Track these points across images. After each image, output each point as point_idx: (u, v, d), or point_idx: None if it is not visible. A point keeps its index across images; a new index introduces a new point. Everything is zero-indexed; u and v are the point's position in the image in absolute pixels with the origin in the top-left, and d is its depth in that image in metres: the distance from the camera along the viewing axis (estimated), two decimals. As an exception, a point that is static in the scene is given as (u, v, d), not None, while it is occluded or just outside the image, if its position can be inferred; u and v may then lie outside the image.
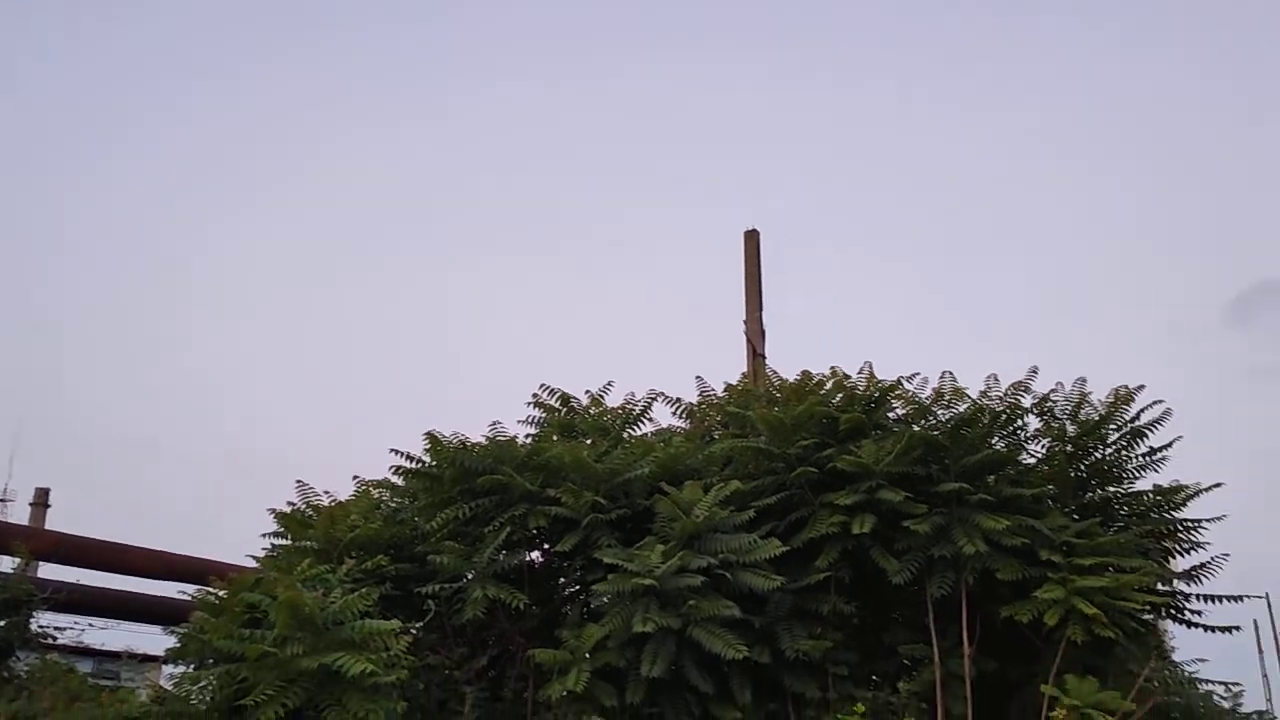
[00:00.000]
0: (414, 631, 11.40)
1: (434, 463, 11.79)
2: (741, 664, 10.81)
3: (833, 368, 13.32)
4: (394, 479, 12.28)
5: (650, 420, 14.16)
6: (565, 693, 10.02)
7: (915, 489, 11.97)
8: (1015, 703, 11.96)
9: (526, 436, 13.28)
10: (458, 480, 11.66)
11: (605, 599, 10.71)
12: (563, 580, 12.38)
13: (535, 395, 13.57)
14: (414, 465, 11.83)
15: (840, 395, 13.05)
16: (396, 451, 11.75)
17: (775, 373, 14.21)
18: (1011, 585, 11.53)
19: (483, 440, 12.11)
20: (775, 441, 12.47)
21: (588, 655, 10.32)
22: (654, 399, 13.66)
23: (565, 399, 13.57)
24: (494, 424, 12.19)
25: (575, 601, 12.24)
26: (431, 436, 11.60)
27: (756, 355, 15.06)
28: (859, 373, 13.17)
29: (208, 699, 9.61)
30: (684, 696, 10.92)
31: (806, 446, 12.31)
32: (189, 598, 11.32)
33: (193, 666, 10.30)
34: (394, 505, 13.10)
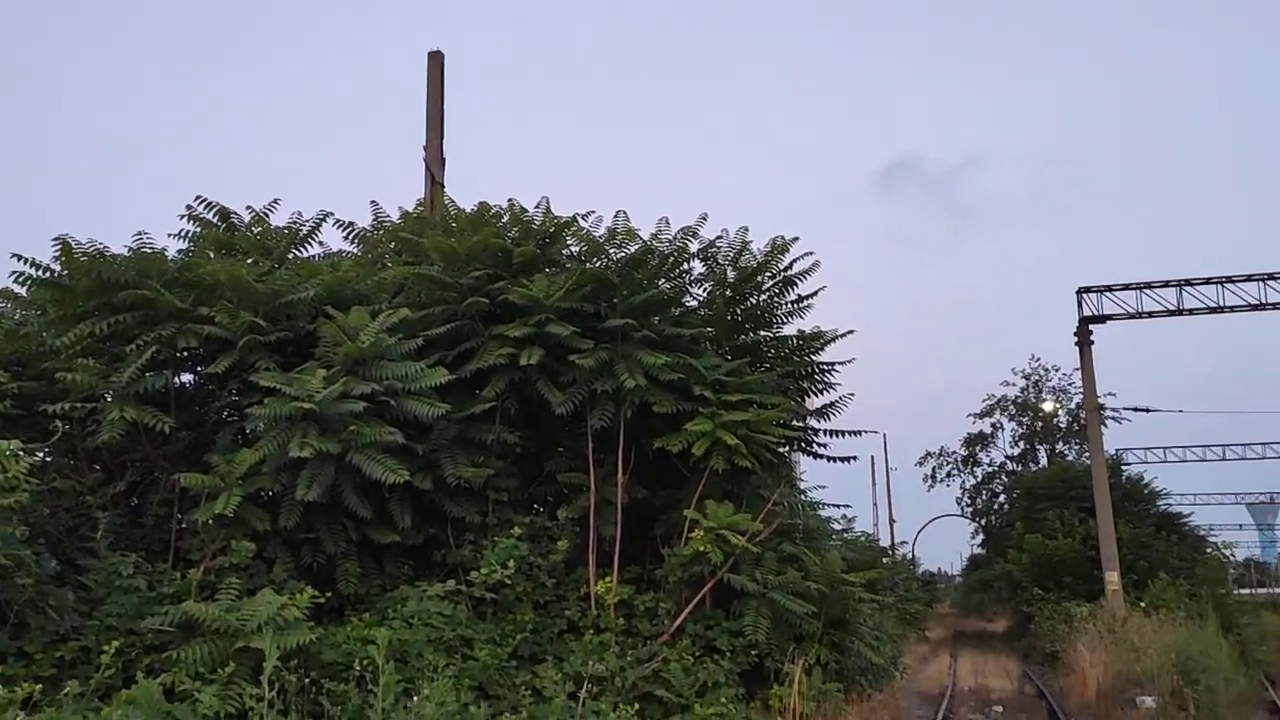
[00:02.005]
0: (40, 455, 10.43)
1: (66, 272, 10.58)
2: (402, 489, 10.82)
3: (510, 200, 13.23)
4: (16, 289, 10.92)
5: (320, 243, 13.49)
6: (213, 517, 9.58)
7: (583, 324, 12.26)
8: (660, 525, 12.87)
9: (179, 252, 12.25)
10: (94, 293, 10.56)
11: (261, 424, 10.25)
12: (215, 404, 11.70)
13: (190, 208, 12.47)
14: (41, 274, 10.57)
15: (516, 229, 13.00)
16: (19, 257, 10.42)
17: (453, 202, 13.91)
18: (666, 418, 12.21)
19: (125, 252, 11.01)
20: (448, 271, 12.28)
21: (240, 480, 9.90)
22: (323, 219, 12.97)
23: (224, 214, 12.57)
24: (139, 234, 11.10)
25: (228, 426, 11.64)
26: (64, 243, 10.36)
27: (435, 183, 14.61)
28: (536, 207, 13.17)
29: None
30: (341, 521, 10.82)
31: (479, 277, 12.22)
32: None
33: None
34: (16, 319, 11.74)
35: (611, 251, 13.00)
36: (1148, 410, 34.93)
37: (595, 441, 12.51)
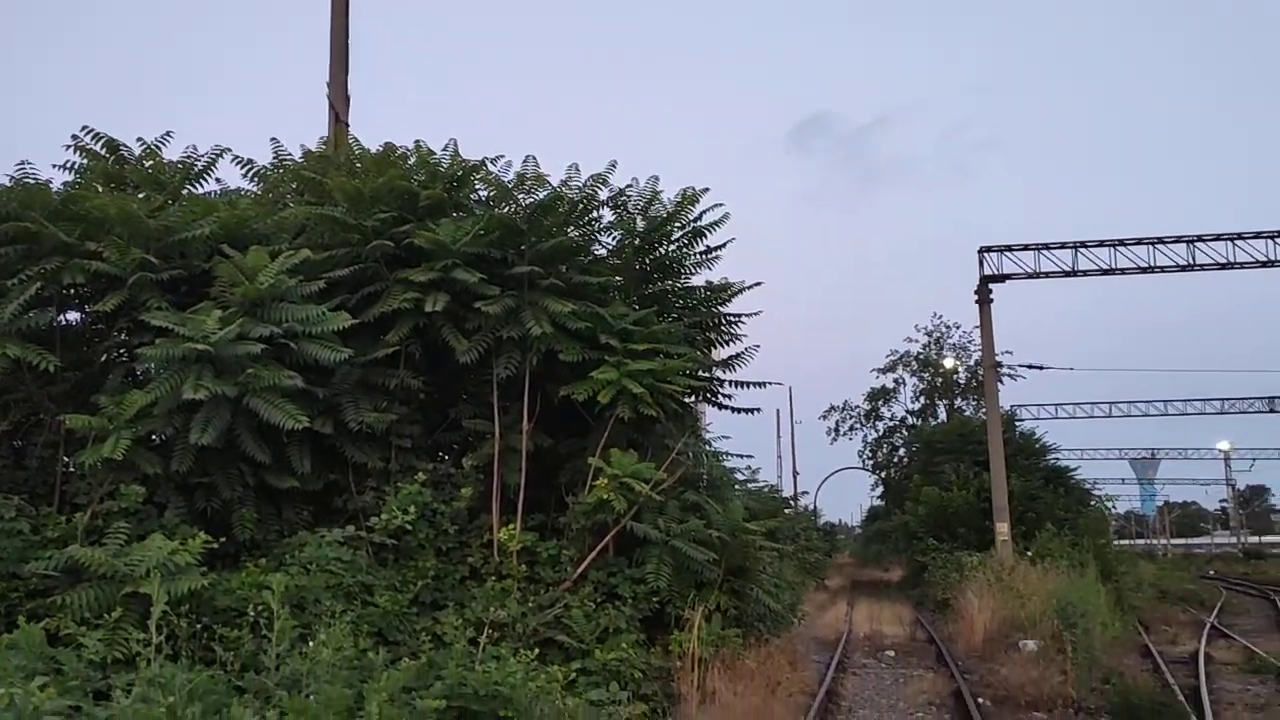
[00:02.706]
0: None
1: (-62, 203, 10.06)
2: (302, 434, 10.61)
3: (417, 142, 12.92)
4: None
5: (217, 180, 13.02)
6: (100, 461, 9.27)
7: (490, 271, 12.10)
8: (565, 473, 12.89)
9: (64, 185, 11.71)
10: (-28, 225, 10.08)
11: (152, 365, 9.92)
12: (103, 344, 11.28)
13: (75, 138, 11.89)
14: (-88, 205, 10.03)
15: (423, 171, 12.73)
16: (-112, 187, 9.87)
17: (357, 142, 13.54)
18: (572, 366, 12.18)
19: (6, 182, 10.49)
20: (352, 212, 11.98)
21: (129, 422, 9.58)
22: (220, 155, 12.49)
23: (113, 146, 12.01)
24: (21, 164, 10.57)
25: (117, 367, 11.24)
26: (-64, 172, 9.85)
27: (339, 121, 14.19)
28: (444, 150, 12.89)
29: None
30: (238, 466, 10.57)
31: (385, 220, 11.96)
32: None
33: None
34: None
35: (520, 197, 12.82)
36: (1041, 368, 36.08)
37: (501, 389, 12.43)
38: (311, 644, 7.77)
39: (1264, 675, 16.79)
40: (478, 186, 13.14)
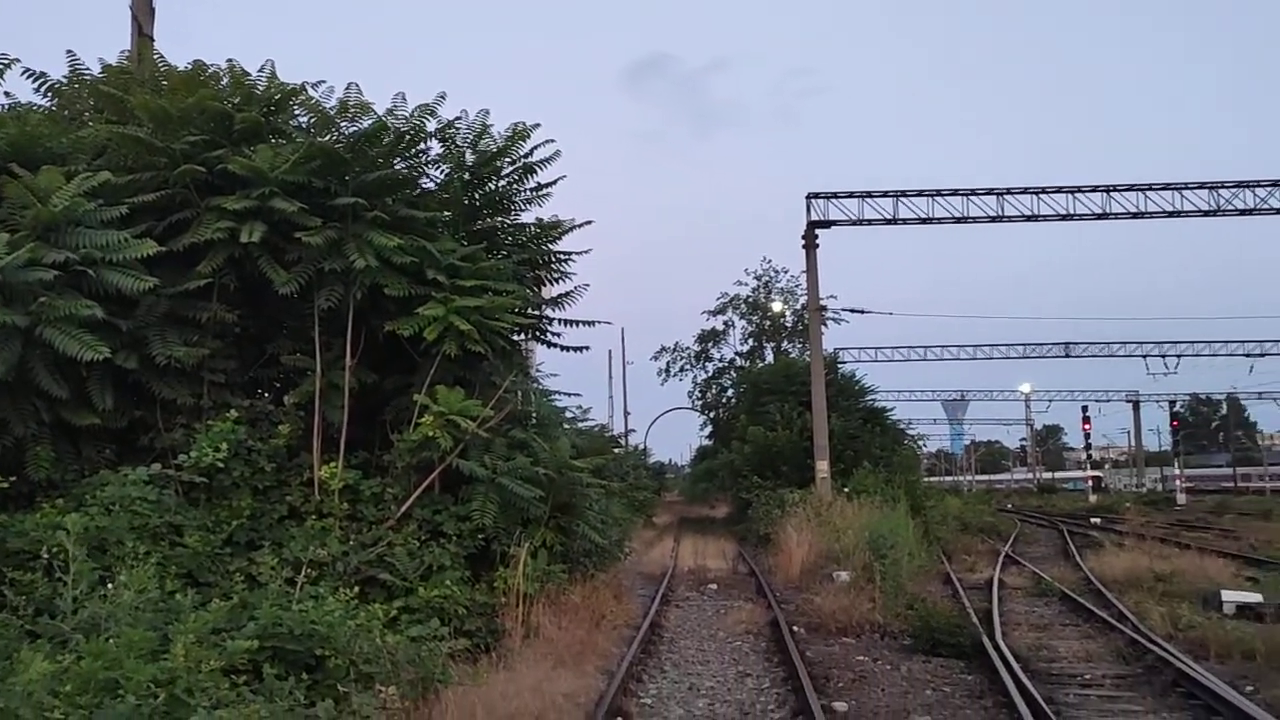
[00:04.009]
0: None
1: None
2: (103, 368, 10.03)
3: (230, 61, 12.19)
4: None
5: (5, 94, 12.01)
6: None
7: (311, 201, 11.62)
8: (390, 411, 12.63)
9: None
10: None
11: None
12: None
13: None
14: None
15: (238, 94, 12.05)
16: None
17: (163, 58, 12.67)
18: (398, 301, 11.90)
19: None
20: (159, 134, 11.26)
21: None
22: (8, 65, 11.48)
23: (-117, 50, 10.90)
24: None
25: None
26: None
27: (142, 34, 13.22)
28: (260, 71, 12.23)
29: None
30: (31, 401, 9.89)
31: (195, 143, 11.28)
32: None
33: None
34: None
35: (343, 126, 12.34)
36: (863, 312, 37.48)
37: (323, 323, 12.04)
38: (112, 586, 7.41)
39: (1048, 598, 18.19)
40: (297, 112, 12.55)
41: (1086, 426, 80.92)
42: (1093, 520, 43.38)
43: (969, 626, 13.53)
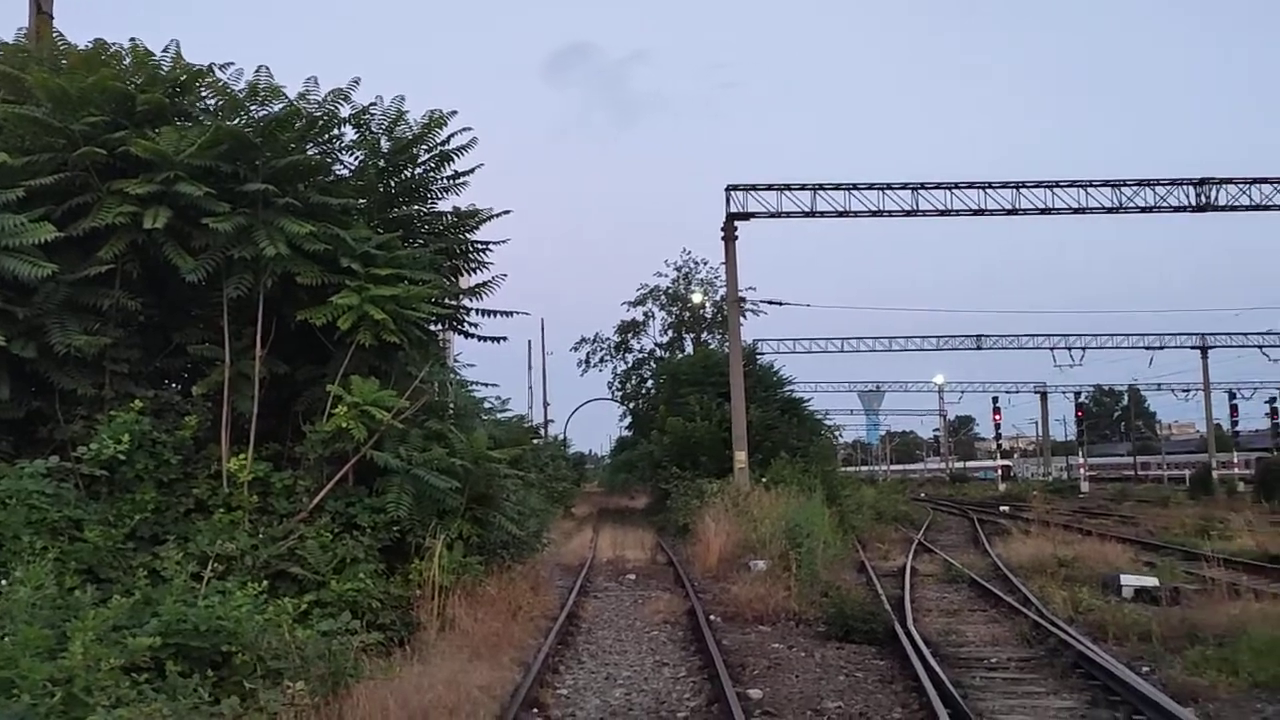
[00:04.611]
0: None
1: None
2: (-2, 358, 9.65)
3: (133, 40, 11.79)
4: None
5: (-108, 70, 11.45)
6: None
7: (220, 186, 11.30)
8: (303, 401, 12.39)
9: None
10: None
11: None
12: None
13: None
14: None
15: (141, 74, 11.66)
16: None
17: (62, 36, 12.21)
18: (310, 290, 11.65)
19: None
20: (56, 114, 10.84)
21: None
22: (-106, 41, 10.98)
23: None
24: None
25: None
26: None
27: (40, 11, 12.71)
28: (164, 51, 11.84)
29: None
30: (-80, 392, 9.49)
31: (95, 125, 10.88)
32: None
33: None
34: None
35: (253, 109, 12.02)
36: (781, 304, 37.97)
37: (232, 312, 11.74)
38: (7, 583, 7.15)
39: (958, 584, 18.65)
40: (204, 95, 12.19)
41: (997, 417, 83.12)
42: (1002, 508, 44.58)
43: (882, 613, 13.79)
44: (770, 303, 38.32)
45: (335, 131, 12.80)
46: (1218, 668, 10.24)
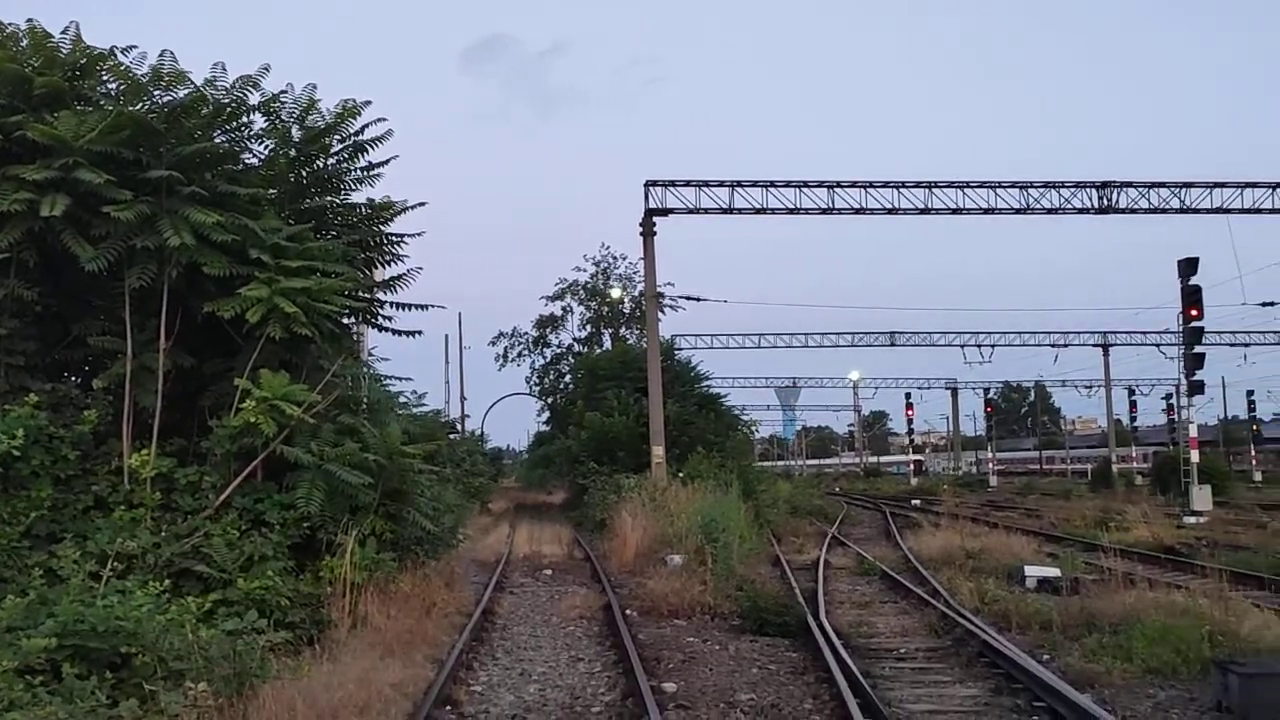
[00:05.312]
0: None
1: None
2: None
3: (30, 21, 11.37)
4: None
5: None
6: None
7: (122, 173, 10.99)
8: (209, 395, 12.12)
9: None
10: None
11: None
12: None
13: None
14: None
15: (39, 56, 11.25)
16: None
17: (-45, 14, 11.73)
18: (218, 281, 11.41)
19: None
20: (-52, 96, 10.43)
21: None
22: None
23: None
24: None
25: None
26: None
27: (-69, -13, 12.24)
28: (63, 33, 11.44)
29: None
30: None
31: (-11, 108, 10.50)
32: None
33: None
34: None
35: (157, 95, 11.69)
36: (699, 299, 38.21)
37: (135, 303, 11.43)
38: (-110, 585, 6.85)
39: (870, 577, 18.99)
40: (106, 79, 11.81)
41: (909, 412, 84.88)
42: (913, 502, 45.51)
43: (795, 606, 13.97)
44: (688, 298, 38.57)
45: (244, 119, 12.53)
46: (1113, 654, 10.60)
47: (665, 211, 31.28)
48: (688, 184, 31.29)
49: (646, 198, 31.21)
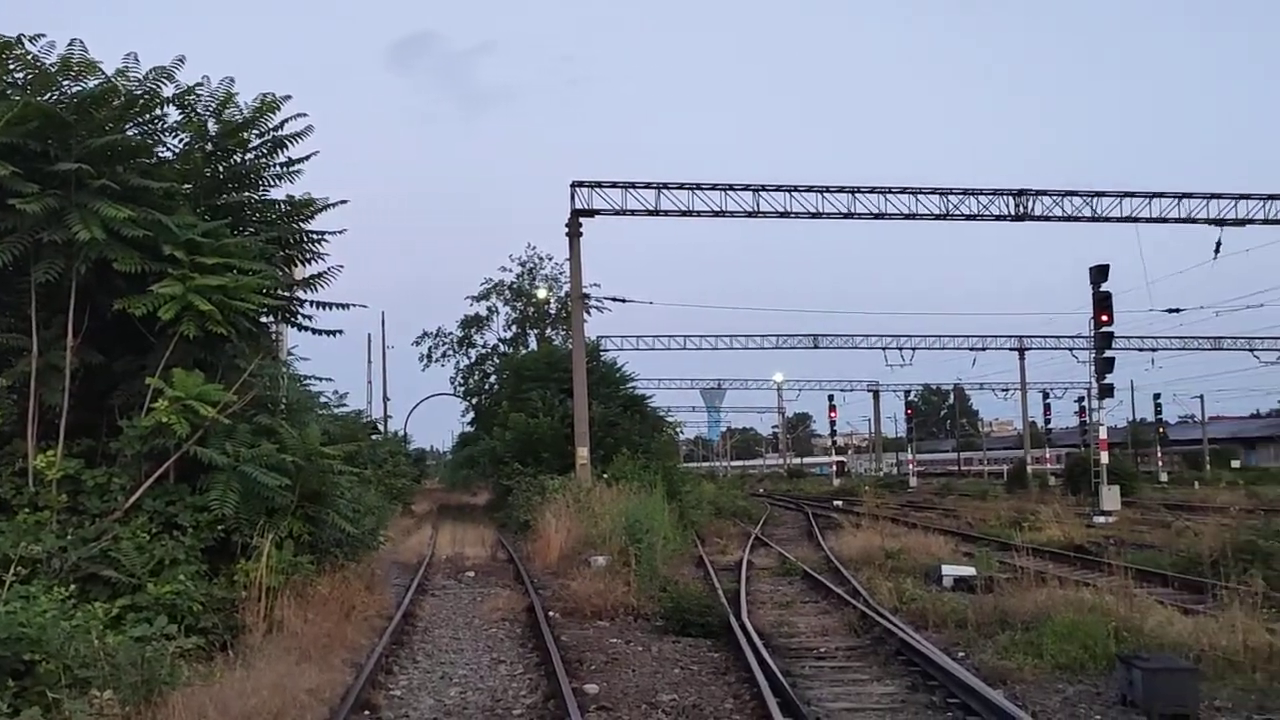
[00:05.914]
0: None
1: None
2: None
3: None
4: None
5: None
6: None
7: (28, 165, 10.65)
8: (120, 395, 11.78)
9: None
10: None
11: None
12: None
13: None
14: None
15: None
16: None
17: None
18: (129, 278, 11.11)
19: None
20: None
21: None
22: None
23: None
24: None
25: None
26: None
27: None
28: (-33, 19, 11.04)
29: None
30: None
31: (-114, 95, 10.08)
32: None
33: None
34: None
35: (66, 85, 11.33)
36: (624, 300, 38.11)
37: (41, 299, 11.08)
38: None
39: (792, 577, 19.21)
40: (12, 68, 11.40)
41: (832, 414, 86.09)
42: (835, 503, 46.10)
43: (718, 606, 14.05)
44: (614, 299, 38.49)
45: (158, 112, 12.21)
46: (1025, 651, 10.86)
47: (592, 213, 31.26)
48: (614, 185, 31.33)
49: (573, 199, 31.16)
